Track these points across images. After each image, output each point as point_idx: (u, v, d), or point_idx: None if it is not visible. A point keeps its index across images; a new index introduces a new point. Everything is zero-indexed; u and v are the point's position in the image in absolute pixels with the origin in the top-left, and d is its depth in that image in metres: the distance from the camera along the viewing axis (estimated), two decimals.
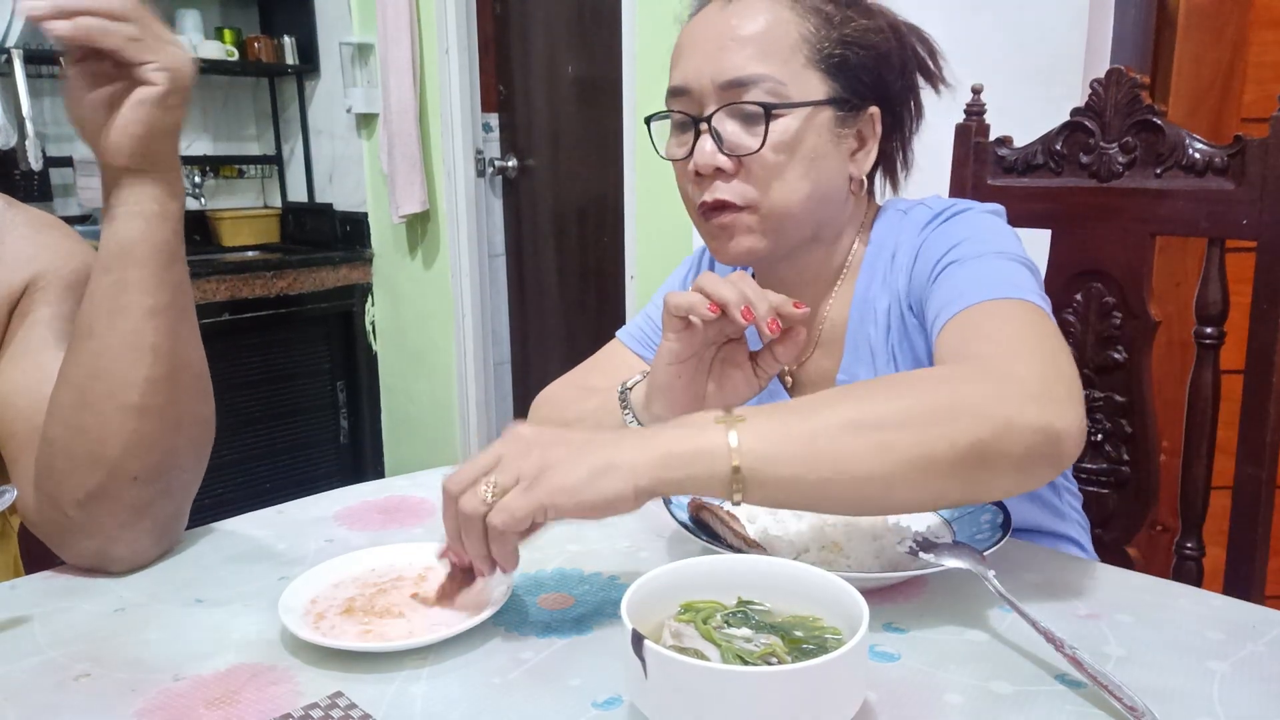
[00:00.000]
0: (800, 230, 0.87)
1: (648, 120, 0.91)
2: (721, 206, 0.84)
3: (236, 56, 3.19)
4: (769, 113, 0.82)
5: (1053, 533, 0.94)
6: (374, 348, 3.38)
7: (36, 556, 0.81)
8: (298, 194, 3.51)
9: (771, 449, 0.60)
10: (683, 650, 0.51)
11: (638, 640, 0.49)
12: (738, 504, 0.61)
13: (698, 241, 1.00)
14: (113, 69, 0.67)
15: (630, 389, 0.84)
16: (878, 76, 0.87)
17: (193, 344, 0.76)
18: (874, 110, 0.87)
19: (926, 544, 0.68)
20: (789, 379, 0.97)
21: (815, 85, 0.84)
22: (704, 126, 0.84)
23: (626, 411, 0.84)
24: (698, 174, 0.84)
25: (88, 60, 0.67)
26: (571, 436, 0.63)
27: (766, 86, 0.82)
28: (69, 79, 0.68)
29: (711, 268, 1.05)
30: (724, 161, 0.83)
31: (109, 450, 0.71)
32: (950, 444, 0.60)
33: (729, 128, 0.83)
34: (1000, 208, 0.89)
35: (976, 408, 0.61)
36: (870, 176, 0.93)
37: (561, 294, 2.90)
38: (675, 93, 0.87)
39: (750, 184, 0.84)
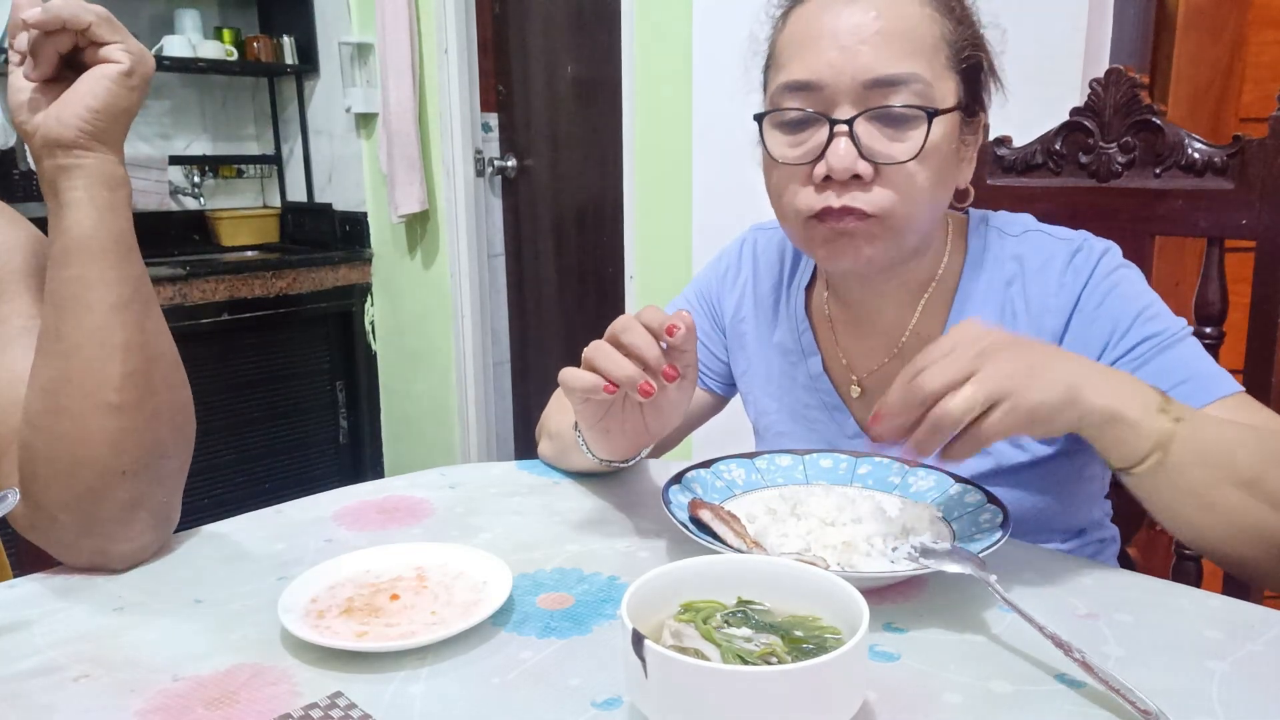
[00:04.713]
0: (915, 240, 0.83)
1: (759, 117, 0.82)
2: (846, 213, 0.78)
3: (236, 56, 3.19)
4: (930, 118, 0.76)
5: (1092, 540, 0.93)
6: (373, 347, 3.38)
7: (31, 557, 0.81)
8: (297, 194, 3.51)
9: (1185, 465, 0.66)
10: (683, 650, 0.51)
11: (638, 640, 0.49)
12: (1119, 469, 0.68)
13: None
14: (63, 67, 0.70)
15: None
16: (985, 81, 0.84)
17: (161, 333, 0.74)
18: (982, 117, 0.85)
19: (926, 552, 0.67)
20: (858, 388, 0.92)
21: (951, 89, 0.79)
22: (841, 129, 0.77)
23: (583, 445, 0.84)
24: (826, 178, 0.78)
25: (43, 48, 0.69)
26: (1042, 350, 0.67)
27: (917, 88, 0.76)
28: (19, 65, 0.70)
29: (755, 266, 1.00)
30: (864, 169, 0.77)
31: (92, 451, 0.70)
32: None
33: (868, 130, 0.77)
34: (1117, 249, 0.86)
35: None
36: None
37: (561, 294, 2.90)
38: (797, 87, 0.79)
39: (888, 191, 0.78)
